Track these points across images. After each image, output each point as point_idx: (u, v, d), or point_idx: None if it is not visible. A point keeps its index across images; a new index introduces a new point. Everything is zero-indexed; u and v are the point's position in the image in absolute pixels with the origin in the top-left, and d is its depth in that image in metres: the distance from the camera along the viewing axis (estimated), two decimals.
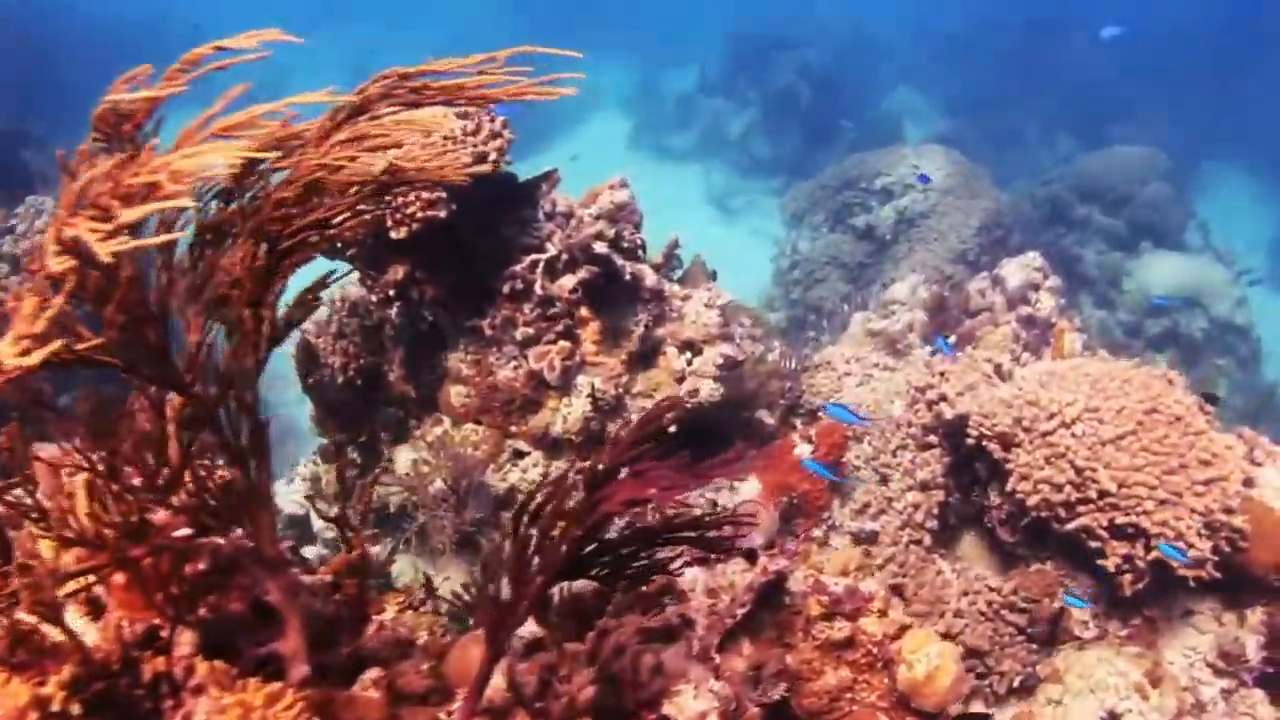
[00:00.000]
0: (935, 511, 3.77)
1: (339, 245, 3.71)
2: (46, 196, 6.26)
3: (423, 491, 3.83)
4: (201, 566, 1.42)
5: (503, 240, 3.88)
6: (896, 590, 3.69)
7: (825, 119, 13.38)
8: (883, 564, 3.72)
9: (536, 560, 1.54)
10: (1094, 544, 3.45)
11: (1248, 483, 3.68)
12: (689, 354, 3.96)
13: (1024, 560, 3.83)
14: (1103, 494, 3.39)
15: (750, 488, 4.02)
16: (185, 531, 1.42)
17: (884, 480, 4.02)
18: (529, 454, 3.89)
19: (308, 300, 1.59)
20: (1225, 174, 14.72)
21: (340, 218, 1.49)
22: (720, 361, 3.83)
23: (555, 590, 1.95)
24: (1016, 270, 4.98)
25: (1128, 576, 3.44)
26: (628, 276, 3.86)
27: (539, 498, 1.60)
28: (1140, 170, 9.19)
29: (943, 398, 3.83)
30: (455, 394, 3.98)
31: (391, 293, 3.82)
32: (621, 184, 4.19)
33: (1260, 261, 11.55)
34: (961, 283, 5.80)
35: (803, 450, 3.96)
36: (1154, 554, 3.36)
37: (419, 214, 3.55)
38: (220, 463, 1.61)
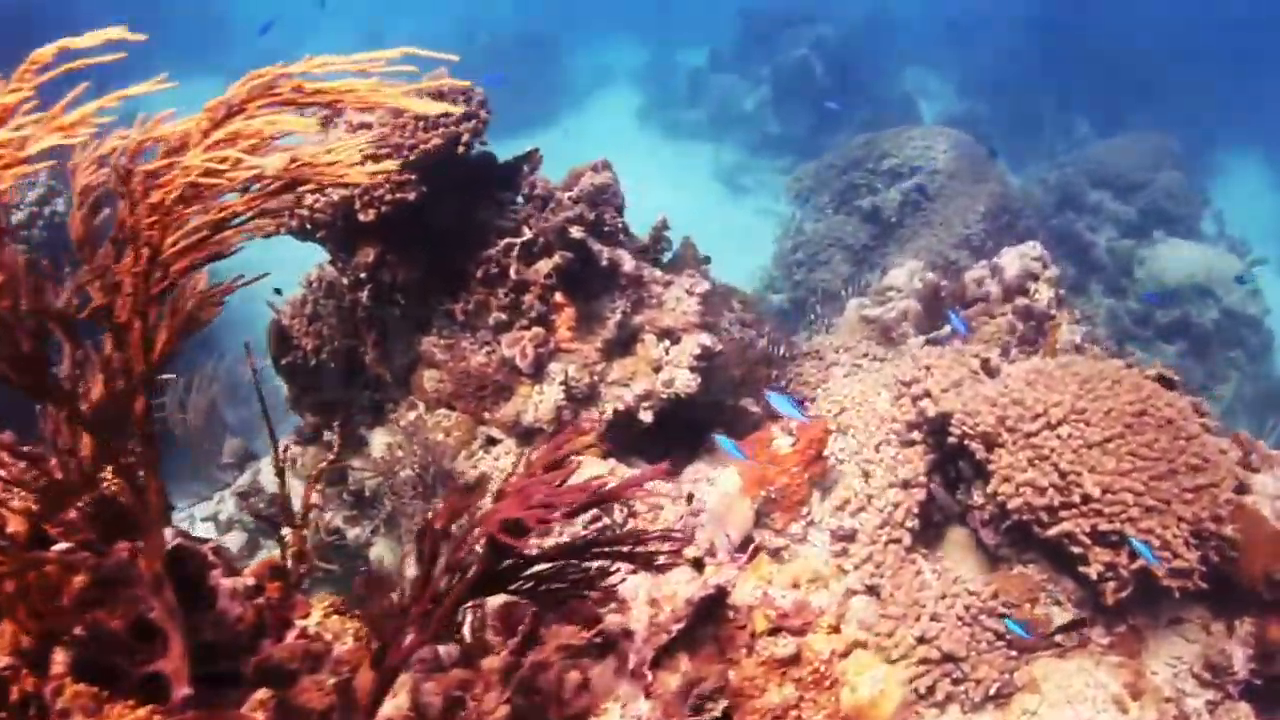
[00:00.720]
0: (915, 511, 3.67)
1: (308, 227, 3.63)
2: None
3: (393, 477, 3.76)
4: (80, 581, 1.35)
5: (477, 223, 3.78)
6: (872, 591, 3.61)
7: (837, 97, 13.16)
8: (859, 564, 3.64)
9: (437, 578, 1.46)
10: (1076, 550, 3.35)
11: (1241, 489, 3.56)
12: (667, 342, 3.86)
13: (1007, 562, 3.74)
14: (1086, 499, 3.28)
15: (728, 480, 3.93)
16: (61, 546, 1.34)
17: (866, 476, 3.92)
18: (501, 441, 3.81)
19: (209, 302, 1.51)
20: (1243, 163, 14.42)
21: (237, 220, 1.40)
22: (697, 352, 3.73)
23: (480, 605, 1.88)
24: (1014, 260, 4.84)
25: (1110, 585, 3.33)
26: (604, 262, 3.75)
27: (439, 518, 1.51)
28: (1154, 157, 8.98)
29: (926, 394, 3.72)
30: (428, 378, 3.90)
31: (362, 275, 3.73)
32: (604, 165, 4.07)
33: (1275, 252, 11.30)
34: (963, 270, 5.67)
35: (782, 443, 3.86)
36: (1139, 562, 3.26)
37: (388, 196, 3.46)
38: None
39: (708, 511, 3.69)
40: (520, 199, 3.90)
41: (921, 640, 3.38)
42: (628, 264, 3.82)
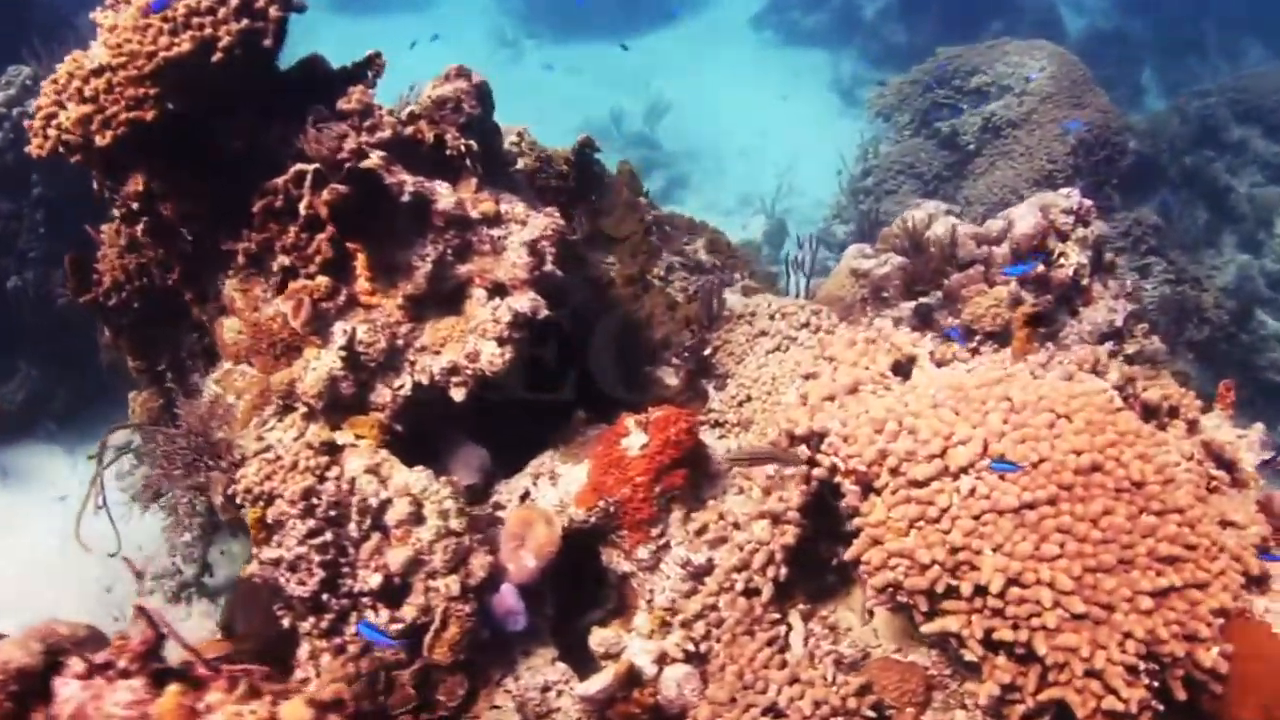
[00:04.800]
0: (782, 556, 2.54)
1: (60, 150, 2.77)
2: (25, 66, 5.62)
3: (168, 444, 2.96)
4: None
5: (268, 147, 2.82)
6: (698, 659, 2.54)
7: (969, 2, 11.11)
8: (690, 618, 2.57)
9: None
10: (967, 657, 2.16)
11: (1256, 583, 2.23)
12: (498, 300, 2.82)
13: (912, 637, 2.57)
14: (980, 590, 2.07)
15: (578, 474, 2.90)
16: None
17: (741, 492, 2.81)
18: (298, 409, 2.92)
19: None
20: None
21: None
22: (509, 319, 2.68)
23: None
24: (1030, 211, 3.45)
25: (1017, 709, 2.14)
26: (407, 197, 2.73)
27: None
28: None
29: (803, 400, 2.53)
30: (228, 328, 3.04)
31: (135, 206, 2.87)
32: (458, 74, 3.01)
33: None
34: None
35: (632, 442, 2.78)
36: (1052, 691, 2.04)
37: (122, 115, 2.55)
38: None
39: (504, 531, 2.70)
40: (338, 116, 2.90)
41: None
42: (444, 200, 2.78)
